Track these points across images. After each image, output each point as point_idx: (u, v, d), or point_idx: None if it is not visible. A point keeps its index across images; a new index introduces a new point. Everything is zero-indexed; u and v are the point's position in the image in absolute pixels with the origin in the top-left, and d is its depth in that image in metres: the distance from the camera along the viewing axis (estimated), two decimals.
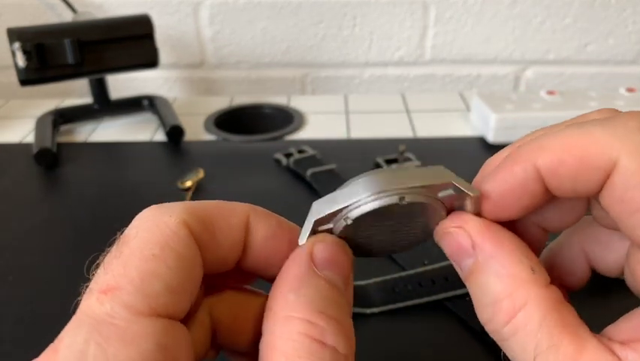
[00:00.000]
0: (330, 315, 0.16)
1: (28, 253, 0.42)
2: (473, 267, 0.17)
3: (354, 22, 0.73)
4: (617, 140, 0.15)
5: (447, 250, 0.18)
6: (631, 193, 0.15)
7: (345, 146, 0.57)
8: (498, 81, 0.77)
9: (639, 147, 0.15)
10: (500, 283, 0.16)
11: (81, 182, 0.52)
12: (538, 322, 0.15)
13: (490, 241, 0.17)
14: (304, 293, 0.16)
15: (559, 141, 0.16)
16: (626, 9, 0.71)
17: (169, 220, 0.16)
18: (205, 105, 0.68)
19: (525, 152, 0.17)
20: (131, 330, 0.14)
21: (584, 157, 0.15)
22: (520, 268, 0.16)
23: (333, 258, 0.18)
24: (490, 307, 0.16)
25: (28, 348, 0.34)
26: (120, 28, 0.57)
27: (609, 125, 0.15)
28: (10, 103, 0.71)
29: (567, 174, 0.16)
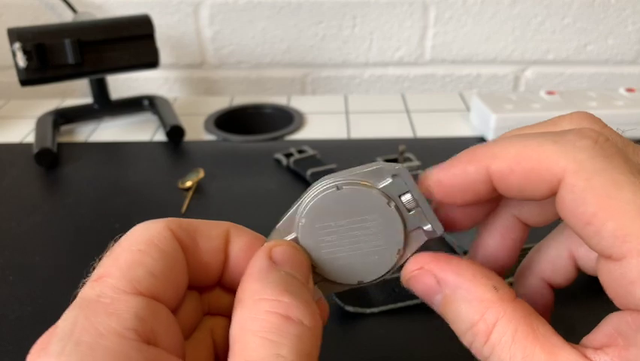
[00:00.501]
0: (293, 293, 0.17)
1: (28, 253, 0.42)
2: (444, 301, 0.19)
3: (354, 22, 0.73)
4: (564, 158, 0.16)
5: (417, 293, 0.20)
6: (581, 208, 0.16)
7: (345, 146, 0.57)
8: (498, 81, 0.77)
9: (583, 166, 0.16)
10: (471, 308, 0.18)
11: (81, 182, 0.52)
12: (510, 336, 0.17)
13: (452, 273, 0.18)
14: (268, 281, 0.18)
15: (512, 150, 0.17)
16: (626, 9, 0.71)
17: (155, 225, 0.19)
18: (205, 105, 0.68)
19: (481, 154, 0.18)
20: (114, 304, 0.16)
21: (532, 170, 0.17)
22: (484, 289, 0.18)
23: (290, 257, 0.19)
24: (469, 332, 0.18)
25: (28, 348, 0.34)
26: (120, 28, 0.57)
27: (560, 141, 0.17)
28: (11, 103, 0.71)
29: (515, 182, 0.17)
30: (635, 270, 0.15)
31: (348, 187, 0.20)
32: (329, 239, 0.20)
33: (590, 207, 0.16)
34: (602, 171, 0.16)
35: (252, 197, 0.48)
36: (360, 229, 0.20)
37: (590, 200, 0.16)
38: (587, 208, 0.16)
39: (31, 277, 0.39)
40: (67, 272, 0.40)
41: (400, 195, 0.20)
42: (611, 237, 0.15)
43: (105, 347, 0.15)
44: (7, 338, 0.34)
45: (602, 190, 0.15)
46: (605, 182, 0.15)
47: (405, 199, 0.20)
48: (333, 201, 0.20)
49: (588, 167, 0.16)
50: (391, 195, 0.20)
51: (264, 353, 0.16)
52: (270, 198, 0.48)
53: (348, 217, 0.20)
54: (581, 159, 0.16)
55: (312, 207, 0.20)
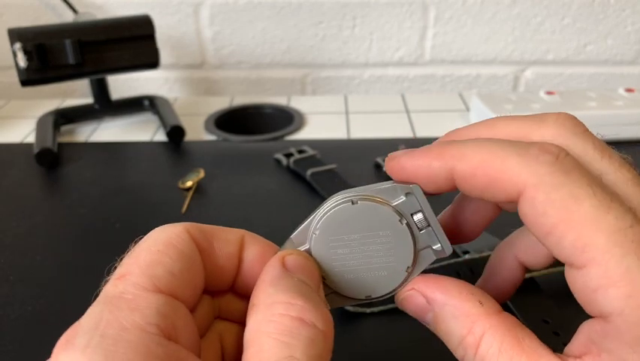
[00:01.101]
0: (306, 297, 0.18)
1: (29, 253, 0.42)
2: (434, 318, 0.20)
3: (354, 22, 0.73)
4: (526, 171, 0.17)
5: (410, 313, 0.21)
6: (542, 220, 0.17)
7: (345, 146, 0.57)
8: (497, 81, 0.77)
9: (544, 180, 0.16)
10: (459, 324, 0.19)
11: (82, 182, 0.52)
12: (497, 347, 0.18)
13: (439, 292, 0.20)
14: (281, 285, 0.18)
15: (478, 154, 0.18)
16: (625, 9, 0.71)
17: (173, 228, 0.19)
18: (205, 105, 0.68)
19: (449, 152, 0.19)
20: (137, 301, 0.17)
21: (494, 178, 0.17)
22: (470, 305, 0.19)
23: (302, 266, 0.20)
24: (460, 346, 0.19)
25: (28, 347, 0.34)
26: (121, 28, 0.57)
27: (524, 155, 0.17)
28: (11, 103, 0.71)
29: (476, 186, 0.18)
30: (595, 279, 0.16)
31: (362, 202, 0.20)
32: (341, 252, 0.21)
33: (549, 219, 0.16)
34: (561, 186, 0.16)
35: (252, 197, 0.48)
36: (371, 244, 0.20)
37: (550, 212, 0.16)
38: (547, 220, 0.16)
39: (31, 277, 0.39)
40: (67, 272, 0.40)
41: (412, 213, 0.20)
42: (571, 247, 0.16)
43: (129, 341, 0.16)
44: (7, 338, 0.34)
45: (560, 203, 0.16)
46: (563, 195, 0.16)
47: (417, 218, 0.20)
48: (347, 215, 0.20)
49: (548, 181, 0.16)
50: (404, 212, 0.20)
51: (278, 354, 0.16)
52: (270, 198, 0.48)
53: (360, 232, 0.20)
54: (542, 174, 0.17)
55: (327, 219, 0.20)
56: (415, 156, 0.20)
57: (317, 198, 0.48)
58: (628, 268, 0.15)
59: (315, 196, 0.48)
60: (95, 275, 0.40)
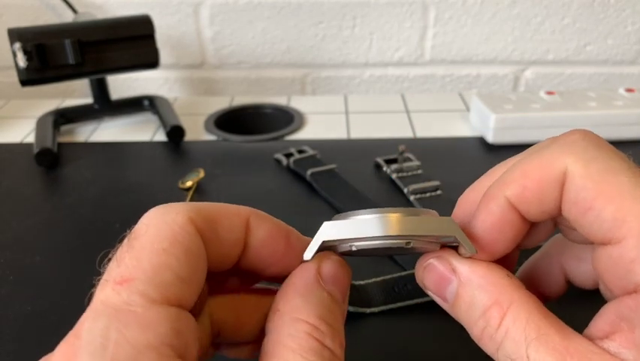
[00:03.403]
0: (329, 323, 0.18)
1: (28, 253, 0.42)
2: (458, 290, 0.19)
3: (354, 22, 0.73)
4: (562, 153, 0.17)
5: (430, 283, 0.20)
6: (582, 194, 0.17)
7: (345, 146, 0.57)
8: (497, 81, 0.77)
9: (581, 155, 0.17)
10: (485, 294, 0.18)
11: (81, 182, 0.52)
12: (525, 317, 0.17)
13: (467, 261, 0.19)
14: (310, 300, 0.18)
15: (518, 171, 0.18)
16: (625, 9, 0.71)
17: (176, 217, 0.17)
18: (205, 105, 0.68)
19: (493, 189, 0.19)
20: (148, 316, 0.15)
21: (541, 178, 0.18)
22: (498, 276, 0.18)
23: (337, 276, 0.19)
24: (482, 318, 0.18)
25: (28, 347, 0.34)
26: (121, 28, 0.57)
27: (554, 144, 0.18)
28: (11, 103, 0.71)
29: (532, 197, 0.18)
30: (634, 249, 0.16)
31: (415, 243, 0.19)
32: (367, 253, 0.21)
33: (590, 193, 0.16)
34: (596, 159, 0.17)
35: (252, 197, 0.48)
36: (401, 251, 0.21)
37: (590, 186, 0.16)
38: (588, 194, 0.16)
39: (31, 277, 0.39)
40: (67, 272, 0.40)
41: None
42: (611, 220, 0.16)
43: None
44: (7, 338, 0.34)
45: (599, 176, 0.16)
46: (600, 168, 0.16)
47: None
48: (395, 249, 0.20)
49: (584, 156, 0.17)
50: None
51: None
52: (270, 198, 0.48)
53: (398, 251, 0.21)
54: (577, 151, 0.17)
55: (375, 248, 0.19)
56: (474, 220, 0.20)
57: (317, 198, 0.48)
58: None
59: (315, 196, 0.48)
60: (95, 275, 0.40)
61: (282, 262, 0.20)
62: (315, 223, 0.20)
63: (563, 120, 0.55)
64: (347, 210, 0.20)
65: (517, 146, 0.55)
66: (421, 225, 0.19)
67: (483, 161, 0.54)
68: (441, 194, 0.46)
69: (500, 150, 0.55)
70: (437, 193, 0.47)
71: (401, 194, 0.47)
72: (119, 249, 0.17)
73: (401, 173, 0.49)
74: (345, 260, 0.20)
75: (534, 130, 0.55)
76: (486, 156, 0.55)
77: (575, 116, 0.55)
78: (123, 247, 0.17)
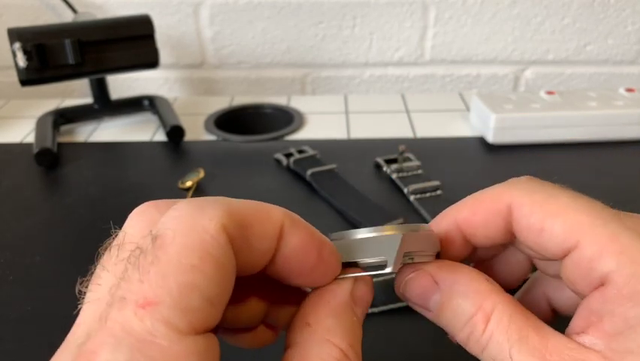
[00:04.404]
0: (356, 350, 0.19)
1: (28, 253, 0.42)
2: (442, 299, 0.20)
3: (354, 22, 0.73)
4: (510, 189, 0.20)
5: (413, 295, 0.21)
6: (532, 220, 0.19)
7: (345, 146, 0.57)
8: (497, 81, 0.77)
9: (525, 190, 0.20)
10: (469, 301, 0.19)
11: (81, 182, 0.52)
12: (507, 320, 0.18)
13: (448, 271, 0.20)
14: (342, 324, 0.19)
15: (471, 199, 0.21)
16: (625, 9, 0.71)
17: (208, 225, 0.16)
18: (205, 105, 0.68)
19: (448, 211, 0.22)
20: (175, 350, 0.14)
21: (489, 207, 0.20)
22: (479, 282, 0.20)
23: (367, 299, 0.21)
24: (467, 325, 0.19)
25: (28, 348, 0.34)
26: (121, 28, 0.57)
27: (508, 182, 0.21)
28: (11, 103, 0.71)
29: (479, 222, 0.21)
30: (588, 250, 0.18)
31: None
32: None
33: (538, 216, 0.19)
34: (539, 190, 0.20)
35: (252, 197, 0.48)
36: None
37: (536, 210, 0.19)
38: (536, 218, 0.19)
39: (31, 277, 0.39)
40: (67, 272, 0.40)
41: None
42: (562, 232, 0.18)
43: None
44: (7, 338, 0.34)
45: (544, 202, 0.19)
46: (544, 196, 0.19)
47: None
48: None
49: (528, 189, 0.20)
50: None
51: None
52: (270, 198, 0.48)
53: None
54: (521, 187, 0.20)
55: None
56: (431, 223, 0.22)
57: (317, 198, 0.47)
58: (613, 232, 0.17)
59: (315, 196, 0.48)
60: None
61: (310, 275, 0.19)
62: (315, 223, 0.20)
63: (563, 120, 0.55)
64: (347, 210, 0.20)
65: (517, 146, 0.55)
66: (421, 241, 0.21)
67: (483, 161, 0.54)
68: (441, 194, 0.46)
69: (500, 150, 0.55)
70: (437, 193, 0.47)
71: (401, 194, 0.47)
72: (140, 256, 0.15)
73: (401, 173, 0.49)
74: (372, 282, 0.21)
75: (534, 130, 0.55)
76: (486, 156, 0.54)
77: (575, 116, 0.55)
78: (147, 256, 0.15)
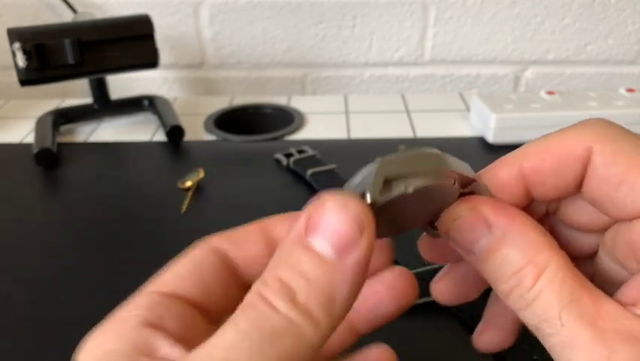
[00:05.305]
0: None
1: (29, 253, 0.42)
2: (491, 245, 0.18)
3: (354, 22, 0.73)
4: (587, 132, 0.18)
5: (457, 236, 0.19)
6: (613, 169, 0.17)
7: (345, 146, 0.57)
8: (498, 81, 0.77)
9: (607, 134, 0.18)
10: (521, 253, 0.17)
11: (81, 182, 0.52)
12: (560, 280, 0.17)
13: (505, 216, 0.18)
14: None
15: (538, 145, 0.19)
16: (626, 9, 0.71)
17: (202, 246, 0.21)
18: (205, 105, 0.68)
19: (511, 157, 0.20)
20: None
21: (562, 153, 0.18)
22: (535, 234, 0.18)
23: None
24: (514, 277, 0.17)
25: (28, 347, 0.34)
26: (120, 28, 0.57)
27: (578, 126, 0.19)
28: (11, 103, 0.71)
29: (550, 170, 0.19)
30: None
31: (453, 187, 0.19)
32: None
33: (621, 167, 0.17)
34: (621, 137, 0.18)
35: (252, 197, 0.48)
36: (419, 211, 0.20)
37: (620, 160, 0.17)
38: (619, 168, 0.17)
39: (31, 277, 0.39)
40: (67, 272, 0.40)
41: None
42: None
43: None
44: (7, 337, 0.34)
45: (627, 151, 0.17)
46: (627, 145, 0.17)
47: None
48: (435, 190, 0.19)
49: (609, 134, 0.18)
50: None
51: None
52: (270, 198, 0.48)
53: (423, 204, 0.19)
54: (602, 131, 0.18)
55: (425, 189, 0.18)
56: (485, 171, 0.20)
57: None
58: None
59: None
60: (94, 275, 0.40)
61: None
62: None
63: (563, 120, 0.54)
64: None
65: (517, 146, 0.55)
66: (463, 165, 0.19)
67: (483, 161, 0.54)
68: None
69: (500, 150, 0.55)
70: None
71: None
72: None
73: None
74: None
75: (534, 130, 0.55)
76: (486, 156, 0.54)
77: (575, 116, 0.55)
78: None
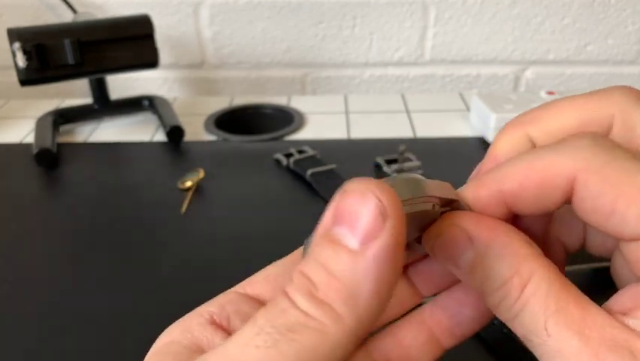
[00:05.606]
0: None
1: (29, 254, 0.42)
2: (474, 259, 0.18)
3: (354, 22, 0.73)
4: (570, 159, 0.17)
5: (441, 252, 0.18)
6: (601, 200, 0.16)
7: (345, 146, 0.57)
8: (498, 81, 0.77)
9: (590, 163, 0.17)
10: (505, 264, 0.17)
11: (81, 182, 0.52)
12: (545, 289, 0.16)
13: (486, 229, 0.18)
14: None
15: (517, 168, 0.18)
16: (626, 9, 0.71)
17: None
18: (205, 105, 0.68)
19: (489, 179, 0.19)
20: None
21: (543, 180, 0.17)
22: (519, 245, 0.17)
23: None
24: (500, 290, 0.17)
25: (28, 347, 0.34)
26: (120, 28, 0.57)
27: (561, 149, 0.17)
28: (11, 103, 0.71)
29: (530, 196, 0.18)
30: None
31: (437, 207, 0.18)
32: None
33: (609, 197, 0.16)
34: (608, 163, 0.16)
35: (252, 197, 0.48)
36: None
37: (607, 190, 0.16)
38: (607, 199, 0.16)
39: (30, 277, 0.39)
40: (67, 272, 0.40)
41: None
42: (636, 219, 0.16)
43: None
44: (7, 337, 0.34)
45: (615, 179, 0.16)
46: (614, 171, 0.16)
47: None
48: (420, 217, 0.18)
49: (595, 162, 0.17)
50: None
51: None
52: (270, 198, 0.48)
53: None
54: (586, 157, 0.17)
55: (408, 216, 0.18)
56: (466, 188, 0.19)
57: (317, 198, 0.47)
58: None
59: (315, 196, 0.48)
60: (94, 275, 0.40)
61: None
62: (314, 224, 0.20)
63: None
64: None
65: None
66: (437, 187, 0.18)
67: None
68: None
69: None
70: None
71: None
72: None
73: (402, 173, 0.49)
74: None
75: None
76: None
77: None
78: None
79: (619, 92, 0.18)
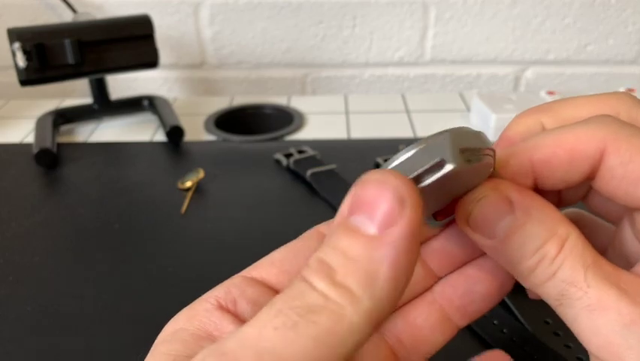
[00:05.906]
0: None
1: (28, 253, 0.42)
2: (514, 223, 0.18)
3: (354, 22, 0.73)
4: (601, 130, 0.18)
5: (480, 217, 0.18)
6: (630, 167, 0.17)
7: (345, 146, 0.57)
8: (498, 81, 0.77)
9: (619, 134, 0.18)
10: (544, 227, 0.18)
11: (81, 182, 0.52)
12: (581, 247, 0.17)
13: (526, 195, 0.18)
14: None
15: (550, 138, 0.19)
16: (626, 9, 0.71)
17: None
18: (205, 105, 0.68)
19: (522, 147, 0.19)
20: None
21: (575, 149, 0.18)
22: (553, 210, 0.18)
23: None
24: (538, 252, 0.18)
25: (28, 347, 0.34)
26: (120, 28, 0.57)
27: (589, 122, 0.18)
28: (11, 103, 0.71)
29: (560, 165, 0.18)
30: None
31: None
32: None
33: (638, 164, 0.17)
34: (634, 135, 0.18)
35: (252, 197, 0.48)
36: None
37: (637, 158, 0.17)
38: (636, 165, 0.17)
39: (30, 277, 0.39)
40: (66, 272, 0.39)
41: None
42: None
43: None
44: (7, 337, 0.34)
45: None
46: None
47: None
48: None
49: (623, 132, 0.18)
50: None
51: None
52: (270, 198, 0.48)
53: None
54: (615, 129, 0.18)
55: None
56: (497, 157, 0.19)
57: (317, 198, 0.47)
58: None
59: (315, 196, 0.48)
60: (94, 275, 0.40)
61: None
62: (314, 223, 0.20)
63: None
64: None
65: None
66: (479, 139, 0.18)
67: None
68: None
69: None
70: None
71: None
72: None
73: None
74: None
75: None
76: None
77: None
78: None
79: (622, 94, 0.19)
